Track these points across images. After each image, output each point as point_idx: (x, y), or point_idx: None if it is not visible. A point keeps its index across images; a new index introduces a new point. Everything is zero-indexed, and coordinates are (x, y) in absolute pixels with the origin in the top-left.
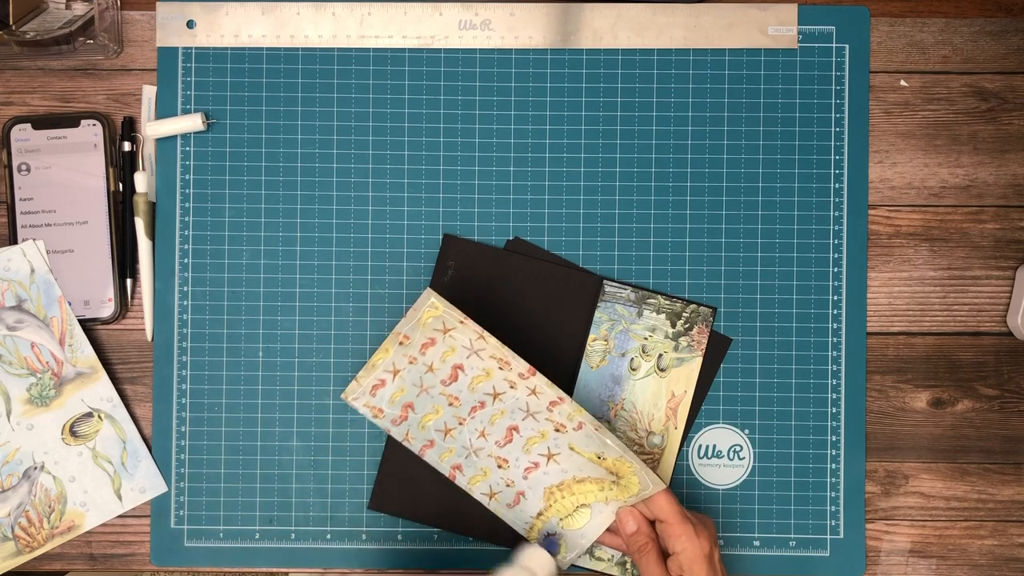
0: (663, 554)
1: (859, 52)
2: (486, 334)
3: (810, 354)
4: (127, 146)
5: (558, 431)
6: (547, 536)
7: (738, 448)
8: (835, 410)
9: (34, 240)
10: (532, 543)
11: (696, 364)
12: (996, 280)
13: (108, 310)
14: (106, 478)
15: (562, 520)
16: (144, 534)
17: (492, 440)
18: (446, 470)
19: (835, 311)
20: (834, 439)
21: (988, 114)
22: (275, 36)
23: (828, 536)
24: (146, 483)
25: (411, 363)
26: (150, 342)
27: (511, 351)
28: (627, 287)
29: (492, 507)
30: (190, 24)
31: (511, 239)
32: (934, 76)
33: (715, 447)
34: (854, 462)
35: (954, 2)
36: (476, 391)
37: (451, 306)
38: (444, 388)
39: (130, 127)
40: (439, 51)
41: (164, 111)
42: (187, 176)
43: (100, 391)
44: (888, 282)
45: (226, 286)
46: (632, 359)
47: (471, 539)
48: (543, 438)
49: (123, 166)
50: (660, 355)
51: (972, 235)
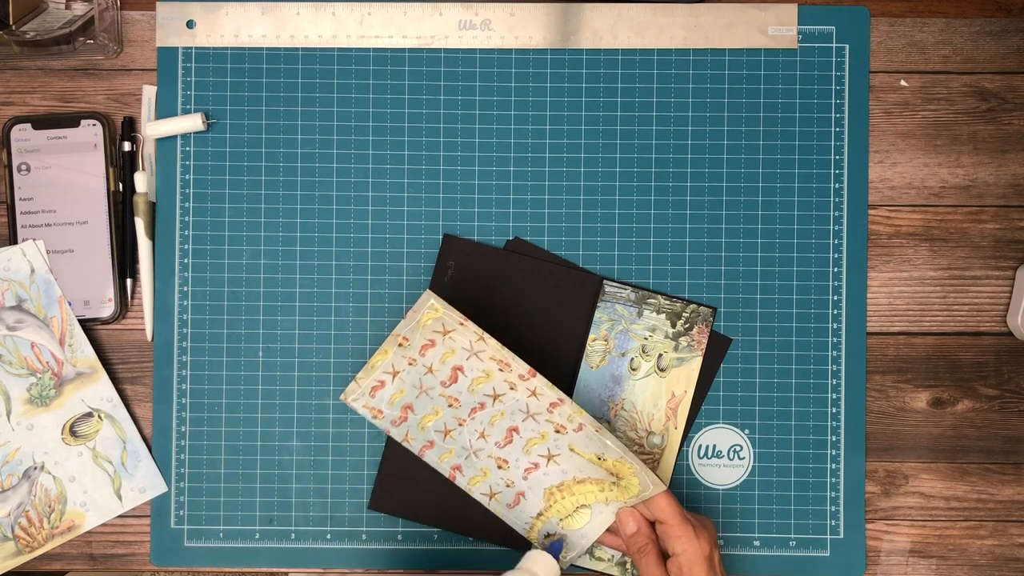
0: (663, 555)
1: (859, 52)
2: (486, 335)
3: (810, 354)
4: (127, 146)
5: (558, 432)
6: (549, 538)
7: (738, 448)
8: (835, 410)
9: (34, 240)
10: (537, 548)
11: (696, 364)
12: (996, 280)
13: (108, 310)
14: (106, 478)
15: (562, 520)
16: (144, 534)
17: (492, 441)
18: (446, 471)
19: (835, 311)
20: (834, 439)
21: (988, 114)
22: (275, 36)
23: (828, 536)
24: (146, 483)
25: (410, 364)
26: (150, 342)
27: (511, 352)
28: (627, 287)
29: (492, 507)
30: (190, 24)
31: (511, 239)
32: (934, 76)
33: (715, 447)
34: (854, 462)
35: (954, 2)
36: (476, 392)
37: (451, 308)
38: (444, 389)
39: (130, 127)
40: (439, 51)
41: (164, 111)
42: (187, 176)
43: (100, 391)
44: (888, 282)
45: (226, 286)
46: (632, 359)
47: (471, 539)
48: (543, 439)
49: (123, 166)
50: (660, 355)
51: (972, 235)
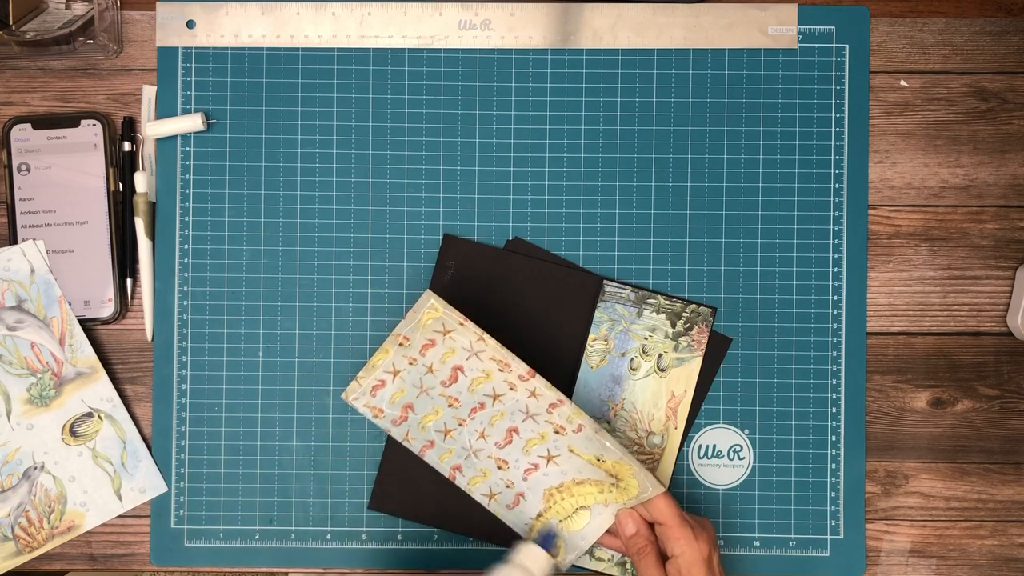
0: (662, 557)
1: (859, 52)
2: (486, 336)
3: (810, 354)
4: (127, 146)
5: (558, 433)
6: (544, 534)
7: (738, 448)
8: (835, 410)
9: (34, 240)
10: (528, 541)
11: (696, 364)
12: (996, 280)
13: (108, 310)
14: (106, 478)
15: (562, 522)
16: (144, 534)
17: (492, 441)
18: (446, 471)
19: (835, 311)
20: (834, 439)
21: (988, 114)
22: (275, 36)
23: (828, 536)
24: (146, 483)
25: (411, 364)
26: (150, 342)
27: (511, 353)
28: (627, 287)
29: (492, 508)
30: (190, 24)
31: (511, 239)
32: (934, 76)
33: (715, 447)
34: (854, 462)
35: (954, 2)
36: (476, 392)
37: (451, 308)
38: (444, 389)
39: (130, 127)
40: (439, 51)
41: (164, 111)
42: (187, 176)
43: (100, 391)
44: (888, 282)
45: (226, 286)
46: (632, 359)
47: (471, 539)
48: (543, 440)
49: (123, 166)
50: (660, 355)
51: (972, 235)
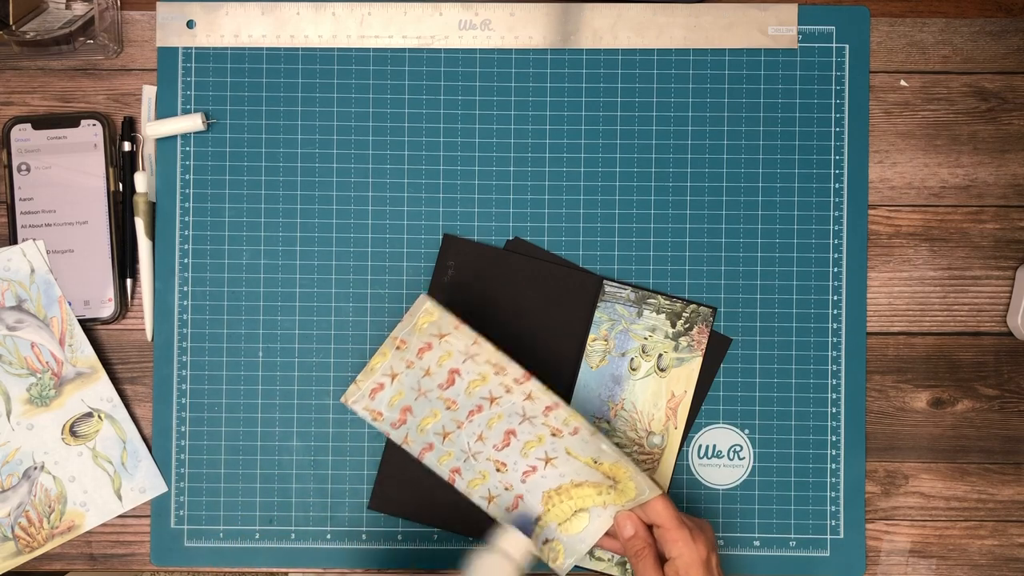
0: (660, 559)
1: (859, 52)
2: (481, 339)
3: (810, 354)
4: (127, 146)
5: (555, 435)
6: (548, 544)
7: (738, 448)
8: (835, 410)
9: (34, 240)
10: (506, 526)
11: (696, 364)
12: (996, 280)
13: (108, 310)
14: (106, 478)
15: (560, 525)
16: (144, 534)
17: (490, 444)
18: (445, 474)
19: (835, 311)
20: (834, 439)
21: (988, 114)
22: (275, 36)
23: (828, 536)
24: (146, 483)
25: (408, 367)
26: (150, 342)
27: (506, 356)
28: (627, 287)
29: (491, 511)
30: (190, 24)
31: (511, 239)
32: (934, 76)
33: (715, 447)
34: (854, 462)
35: (954, 2)
36: (473, 395)
37: (446, 311)
38: (441, 392)
39: (130, 127)
40: (439, 51)
41: (164, 111)
42: (187, 176)
43: (100, 391)
44: (888, 282)
45: (226, 286)
46: (632, 359)
47: (471, 539)
48: (540, 442)
49: (123, 166)
50: (660, 355)
51: (972, 235)
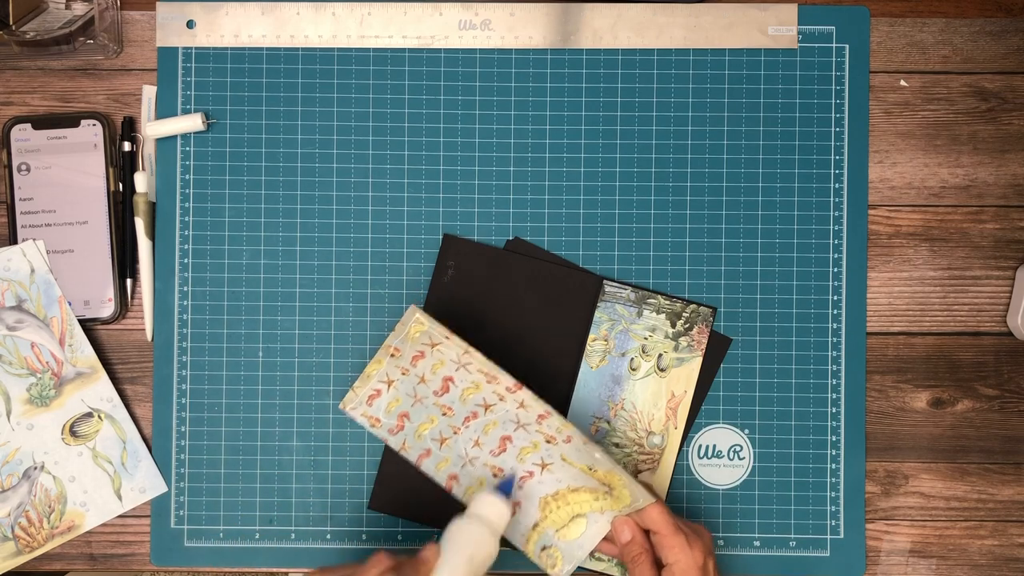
0: (658, 564)
1: (859, 52)
2: (471, 349)
3: (810, 354)
4: (127, 146)
5: (549, 442)
6: (546, 550)
7: (738, 448)
8: (835, 410)
9: (34, 240)
10: (485, 491)
11: (696, 364)
12: (996, 280)
13: (108, 310)
14: (106, 478)
15: (558, 531)
16: (144, 534)
17: (487, 449)
18: (443, 480)
19: (835, 311)
20: (834, 439)
21: (988, 114)
22: (275, 36)
23: (828, 536)
24: (146, 483)
25: (404, 374)
26: (150, 342)
27: (496, 366)
28: (627, 287)
29: None
30: (190, 24)
31: (511, 239)
32: (934, 76)
33: (715, 447)
34: (854, 462)
35: (954, 2)
36: (468, 402)
37: (435, 322)
38: (437, 399)
39: (130, 127)
40: (439, 51)
41: (164, 111)
42: (187, 176)
43: (100, 391)
44: (888, 282)
45: (226, 286)
46: (632, 359)
47: None
48: (535, 448)
49: (123, 166)
50: (660, 355)
51: (972, 235)
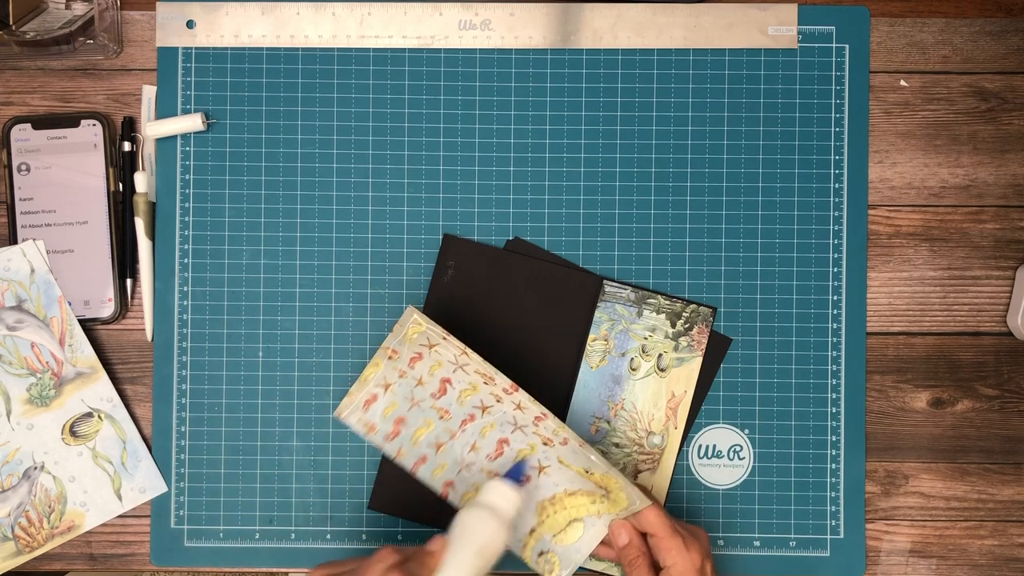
0: (655, 567)
1: (859, 52)
2: (468, 350)
3: (810, 354)
4: (127, 146)
5: (546, 445)
6: (543, 556)
7: (738, 448)
8: (835, 410)
9: (34, 240)
10: (495, 477)
11: (696, 364)
12: (996, 280)
13: (108, 310)
14: (106, 478)
15: (555, 536)
16: (144, 534)
17: (483, 454)
18: (438, 488)
19: (835, 311)
20: (834, 439)
21: (988, 114)
22: (275, 36)
23: (828, 536)
24: (146, 483)
25: (401, 377)
26: (150, 342)
27: (493, 367)
28: (627, 287)
29: None
30: (190, 24)
31: (511, 239)
32: (934, 76)
33: (715, 447)
34: (854, 462)
35: (954, 2)
36: (465, 404)
37: (433, 323)
38: (434, 401)
39: (130, 127)
40: (439, 51)
41: (164, 111)
42: (187, 176)
43: (100, 391)
44: (888, 282)
45: (226, 286)
46: (632, 359)
47: None
48: (532, 451)
49: (123, 166)
50: (660, 355)
51: (972, 235)
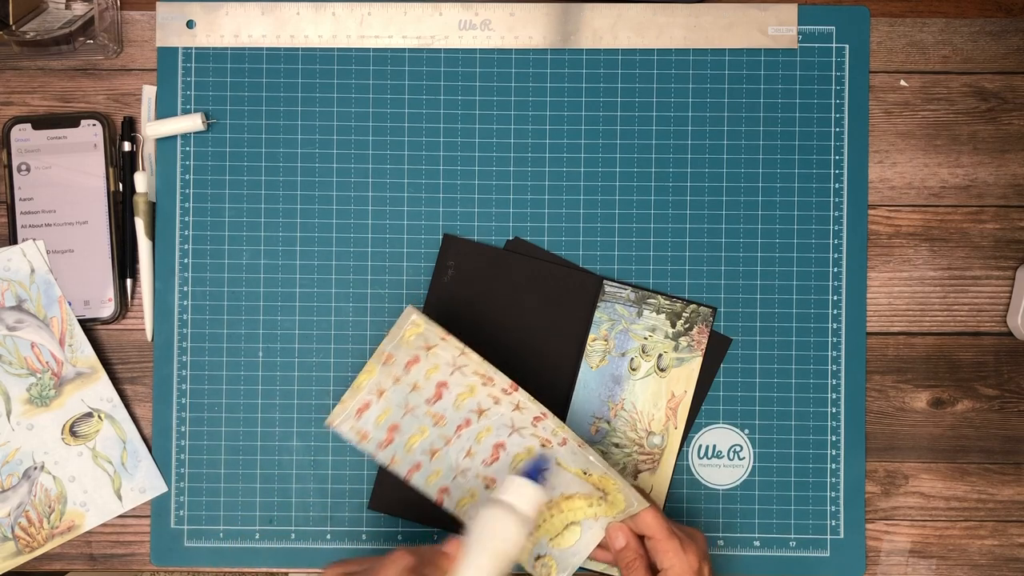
0: (653, 569)
1: (859, 52)
2: (468, 350)
3: (810, 354)
4: (127, 146)
5: (544, 446)
6: (540, 559)
7: (738, 448)
8: (835, 410)
9: (34, 240)
10: (513, 475)
11: (696, 364)
12: (996, 280)
13: (108, 310)
14: (106, 478)
15: (552, 540)
16: (144, 534)
17: (479, 459)
18: (433, 494)
19: (835, 311)
20: (834, 439)
21: (988, 114)
22: (275, 36)
23: (828, 536)
24: (146, 483)
25: (396, 383)
26: (150, 342)
27: (493, 367)
28: (627, 287)
29: None
30: (190, 24)
31: (511, 239)
32: (934, 76)
33: (715, 447)
34: (854, 462)
35: (954, 2)
36: (461, 408)
37: (432, 323)
38: (429, 407)
39: (130, 127)
40: (439, 51)
41: (164, 111)
42: (187, 176)
43: (100, 391)
44: (888, 282)
45: (226, 286)
46: (632, 359)
47: None
48: (529, 454)
49: (123, 166)
50: (660, 355)
51: (972, 235)
